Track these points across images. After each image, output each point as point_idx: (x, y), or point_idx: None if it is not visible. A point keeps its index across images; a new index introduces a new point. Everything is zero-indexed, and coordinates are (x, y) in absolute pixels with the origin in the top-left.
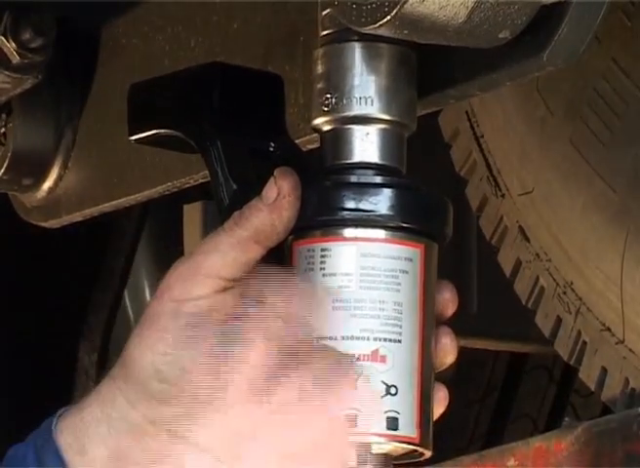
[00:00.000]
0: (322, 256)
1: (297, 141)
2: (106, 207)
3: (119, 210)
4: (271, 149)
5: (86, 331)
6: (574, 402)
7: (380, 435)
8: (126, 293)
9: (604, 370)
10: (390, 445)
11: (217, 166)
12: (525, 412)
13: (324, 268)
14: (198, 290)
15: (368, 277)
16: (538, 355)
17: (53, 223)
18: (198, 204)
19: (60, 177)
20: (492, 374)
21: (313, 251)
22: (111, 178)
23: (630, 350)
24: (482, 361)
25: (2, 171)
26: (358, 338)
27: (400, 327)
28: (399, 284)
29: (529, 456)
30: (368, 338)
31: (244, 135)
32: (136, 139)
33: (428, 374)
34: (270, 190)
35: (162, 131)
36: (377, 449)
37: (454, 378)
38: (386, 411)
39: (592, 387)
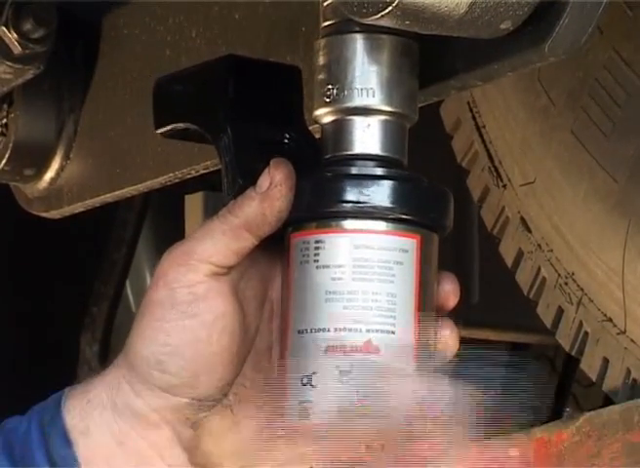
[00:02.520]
0: (316, 248)
1: None
2: (108, 197)
3: (121, 200)
4: (286, 141)
5: (88, 322)
6: (575, 392)
7: None
8: (128, 284)
9: (605, 361)
10: None
11: (226, 158)
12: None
13: (318, 260)
14: (191, 275)
15: (361, 268)
16: (539, 345)
17: (54, 214)
18: (200, 194)
19: (61, 168)
20: None
21: (308, 243)
22: (113, 169)
23: (632, 341)
24: None
25: (4, 161)
26: (351, 330)
27: (394, 318)
28: (393, 275)
29: (530, 446)
30: (360, 330)
31: (259, 126)
32: (161, 133)
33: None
34: (263, 180)
35: (182, 124)
36: None
37: None
38: None
39: (594, 378)
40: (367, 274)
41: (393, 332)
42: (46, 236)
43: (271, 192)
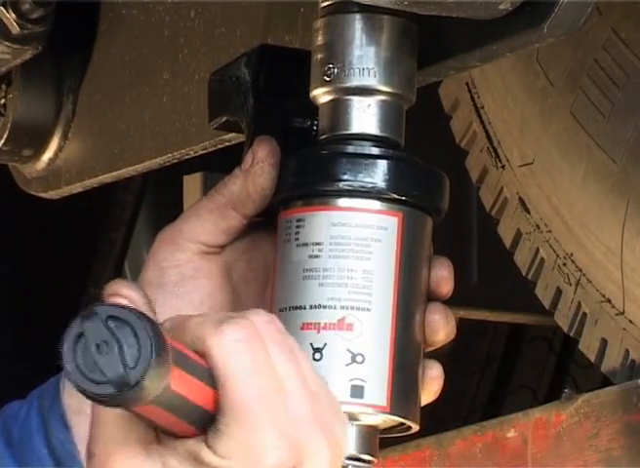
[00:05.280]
0: (297, 227)
1: None
2: (106, 177)
3: (119, 181)
4: (315, 127)
5: (86, 302)
6: (574, 373)
7: (344, 402)
8: (126, 265)
9: (604, 342)
10: (380, 416)
11: (246, 146)
12: (525, 383)
13: (298, 239)
14: (180, 254)
15: (337, 246)
16: (538, 326)
17: (53, 194)
18: (198, 175)
19: (60, 148)
20: (492, 345)
21: (290, 222)
22: (111, 149)
23: (630, 321)
24: (482, 331)
25: (2, 142)
26: (325, 307)
27: (370, 295)
28: (370, 253)
29: (529, 427)
30: (335, 307)
31: (288, 114)
32: (214, 127)
33: (406, 345)
34: (247, 157)
35: (228, 116)
36: (365, 421)
37: (453, 349)
38: (351, 380)
39: (592, 358)
40: (343, 251)
41: (369, 310)
42: (44, 217)
43: (253, 169)
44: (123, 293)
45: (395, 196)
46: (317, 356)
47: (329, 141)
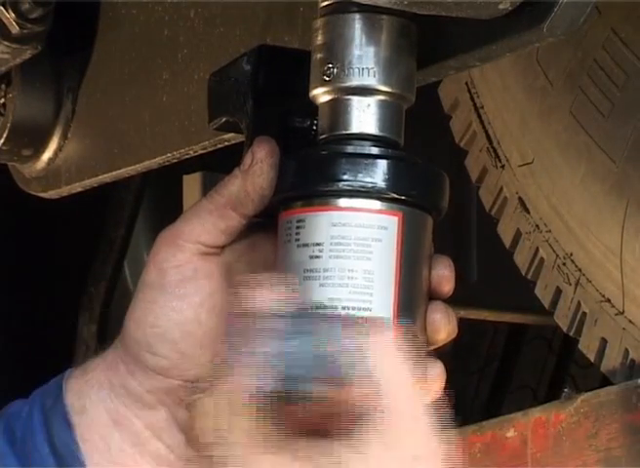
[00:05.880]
0: (297, 228)
1: None
2: (106, 177)
3: (119, 180)
4: (314, 127)
5: (86, 302)
6: (573, 373)
7: None
8: (125, 265)
9: (604, 342)
10: None
11: (246, 146)
12: (524, 383)
13: (298, 239)
14: (180, 255)
15: (337, 246)
16: (537, 326)
17: (52, 194)
18: (197, 174)
19: (59, 148)
20: (491, 345)
21: (291, 222)
22: (111, 149)
23: (630, 321)
24: (482, 331)
25: (2, 141)
26: (326, 307)
27: (371, 295)
28: (371, 252)
29: (528, 427)
30: (336, 307)
31: (287, 114)
32: (214, 128)
33: None
34: (246, 157)
35: (228, 117)
36: None
37: (453, 349)
38: None
39: (592, 358)
40: (343, 251)
41: (370, 310)
42: (44, 217)
43: (252, 169)
44: None
45: (395, 195)
46: None
47: (328, 141)
